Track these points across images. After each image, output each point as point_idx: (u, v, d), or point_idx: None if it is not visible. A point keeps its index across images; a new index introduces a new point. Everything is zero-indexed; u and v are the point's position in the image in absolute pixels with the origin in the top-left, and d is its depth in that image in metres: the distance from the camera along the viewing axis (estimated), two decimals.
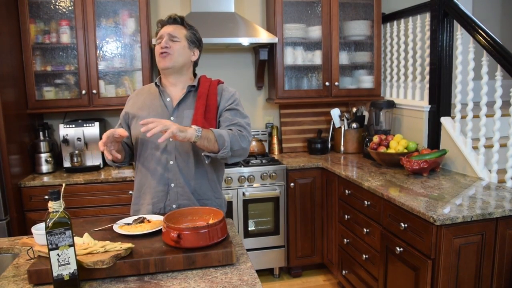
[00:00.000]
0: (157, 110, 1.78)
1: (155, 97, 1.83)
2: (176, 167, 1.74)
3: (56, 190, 1.15)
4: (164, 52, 1.74)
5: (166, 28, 1.79)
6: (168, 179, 1.75)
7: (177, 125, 1.51)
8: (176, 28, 1.79)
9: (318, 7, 3.43)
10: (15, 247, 1.58)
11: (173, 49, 1.75)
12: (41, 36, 3.02)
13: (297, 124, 3.76)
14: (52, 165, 3.06)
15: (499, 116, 2.44)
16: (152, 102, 1.81)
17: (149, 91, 1.87)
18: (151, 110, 1.79)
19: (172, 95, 1.81)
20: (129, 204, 1.91)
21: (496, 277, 2.01)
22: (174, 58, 1.76)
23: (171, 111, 1.77)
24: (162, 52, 1.75)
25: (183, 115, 1.75)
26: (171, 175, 1.75)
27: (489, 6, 4.23)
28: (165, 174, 1.75)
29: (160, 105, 1.79)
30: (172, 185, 1.75)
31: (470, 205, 2.04)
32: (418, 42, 3.14)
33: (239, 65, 3.68)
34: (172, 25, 1.80)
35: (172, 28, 1.78)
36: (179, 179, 1.75)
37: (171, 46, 1.75)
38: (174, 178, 1.75)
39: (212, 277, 1.28)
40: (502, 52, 2.36)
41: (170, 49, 1.74)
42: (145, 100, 1.83)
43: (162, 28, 1.80)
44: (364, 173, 2.81)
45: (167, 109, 1.78)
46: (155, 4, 3.44)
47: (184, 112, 1.76)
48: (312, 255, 3.32)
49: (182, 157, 1.75)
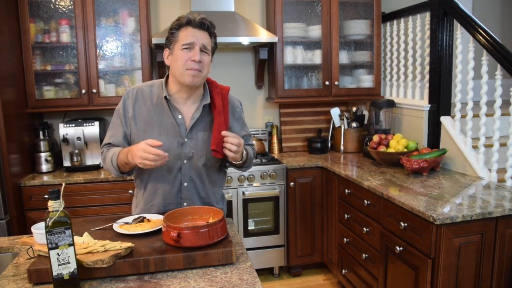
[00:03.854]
0: (169, 130, 1.64)
1: (164, 111, 1.64)
2: (191, 189, 1.69)
3: (56, 189, 1.15)
4: (196, 69, 1.56)
5: (197, 35, 1.57)
6: (182, 198, 1.70)
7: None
8: (206, 36, 1.60)
9: (318, 6, 3.43)
10: (15, 246, 1.58)
11: (203, 64, 1.58)
12: (41, 35, 3.02)
13: (297, 123, 3.76)
14: (52, 164, 3.05)
15: (499, 115, 2.44)
16: (161, 118, 1.64)
17: (152, 100, 1.66)
18: (162, 129, 1.63)
19: (183, 111, 1.65)
20: (129, 204, 1.89)
21: (496, 276, 2.02)
22: (204, 75, 1.60)
23: (185, 132, 1.65)
24: (195, 69, 1.56)
25: (197, 137, 1.66)
26: (185, 195, 1.70)
27: (489, 5, 4.22)
28: (178, 195, 1.69)
29: (172, 124, 1.64)
30: (185, 204, 1.70)
31: (470, 205, 2.04)
32: (418, 41, 3.14)
33: (239, 65, 3.68)
34: (202, 31, 1.59)
35: (204, 37, 1.58)
36: (192, 199, 1.71)
37: (202, 61, 1.57)
38: (187, 198, 1.70)
39: (212, 277, 1.28)
40: (502, 51, 2.36)
41: (201, 64, 1.57)
42: (150, 113, 1.65)
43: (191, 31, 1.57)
44: (364, 172, 2.81)
45: (179, 128, 1.64)
46: (155, 3, 3.43)
47: (198, 134, 1.66)
48: (312, 254, 3.32)
49: (196, 179, 1.69)
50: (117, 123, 1.71)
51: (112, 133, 1.72)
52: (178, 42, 1.58)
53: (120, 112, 1.69)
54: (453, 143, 2.73)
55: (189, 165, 1.67)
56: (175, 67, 1.60)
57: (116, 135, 1.70)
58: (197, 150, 1.66)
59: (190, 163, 1.67)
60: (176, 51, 1.58)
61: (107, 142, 1.73)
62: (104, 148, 1.73)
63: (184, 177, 1.68)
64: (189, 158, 1.67)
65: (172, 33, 1.60)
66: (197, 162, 1.68)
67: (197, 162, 1.67)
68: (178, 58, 1.57)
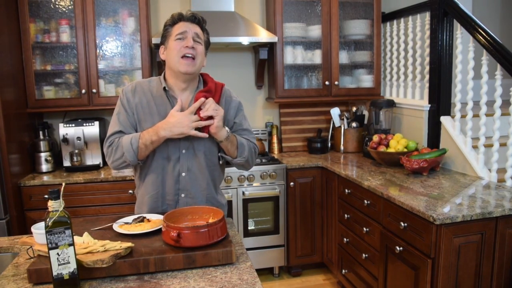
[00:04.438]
0: None
1: (163, 102, 1.68)
2: (188, 179, 1.70)
3: (56, 189, 1.15)
4: (190, 55, 1.58)
5: (189, 26, 1.62)
6: (179, 189, 1.70)
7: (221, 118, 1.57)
8: (198, 28, 1.64)
9: (318, 6, 3.43)
10: (15, 246, 1.58)
11: (197, 52, 1.60)
12: (41, 35, 3.02)
13: (297, 123, 3.76)
14: (52, 164, 3.05)
15: (499, 115, 2.45)
16: (160, 109, 1.67)
17: (151, 92, 1.70)
18: (161, 118, 1.65)
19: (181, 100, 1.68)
20: (129, 204, 1.90)
21: (496, 276, 2.02)
22: (198, 62, 1.62)
23: None
24: (188, 55, 1.58)
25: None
26: (182, 186, 1.70)
27: (489, 5, 4.22)
28: (176, 186, 1.70)
29: None
30: (182, 195, 1.71)
31: (470, 204, 2.04)
32: (418, 41, 3.14)
33: (239, 64, 3.68)
34: (194, 24, 1.64)
35: (196, 28, 1.63)
36: (189, 190, 1.71)
37: (196, 48, 1.60)
38: (185, 189, 1.70)
39: (211, 276, 1.28)
40: (502, 51, 2.36)
41: (195, 51, 1.59)
42: (150, 103, 1.68)
43: (182, 24, 1.61)
44: (364, 172, 2.81)
45: None
46: (155, 3, 3.43)
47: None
48: (312, 254, 3.32)
49: (195, 169, 1.70)
50: (122, 112, 1.70)
51: (120, 122, 1.68)
52: (172, 35, 1.63)
53: (124, 102, 1.70)
54: (453, 143, 2.73)
55: (187, 155, 1.69)
56: (170, 58, 1.63)
57: (125, 124, 1.68)
58: (195, 139, 1.67)
59: (189, 153, 1.69)
60: (170, 43, 1.63)
61: (117, 130, 1.67)
62: (114, 137, 1.67)
63: (182, 167, 1.69)
64: (187, 147, 1.68)
65: (166, 29, 1.66)
66: (196, 152, 1.69)
67: (196, 151, 1.69)
68: (172, 48, 1.61)
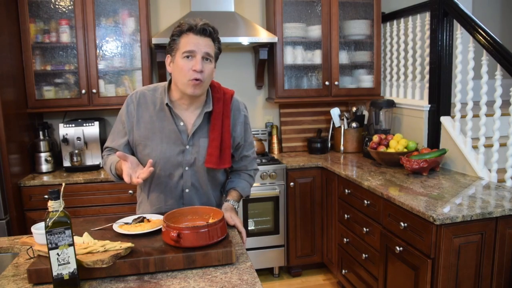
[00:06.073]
0: (171, 136, 1.62)
1: (165, 118, 1.62)
2: (192, 195, 1.69)
3: (55, 189, 1.15)
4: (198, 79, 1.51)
5: (200, 42, 1.51)
6: (183, 204, 1.69)
7: (237, 218, 1.67)
8: (209, 43, 1.54)
9: (318, 7, 3.43)
10: (14, 246, 1.58)
11: (205, 74, 1.53)
12: (41, 35, 3.02)
13: (297, 123, 3.76)
14: (52, 164, 3.05)
15: (499, 115, 2.45)
16: (163, 125, 1.62)
17: (154, 105, 1.64)
18: (163, 136, 1.61)
19: (184, 117, 1.63)
20: (129, 204, 1.90)
21: (496, 276, 2.02)
22: (205, 84, 1.56)
23: (186, 139, 1.63)
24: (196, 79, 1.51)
25: (199, 144, 1.64)
26: (186, 201, 1.69)
27: (489, 5, 4.23)
28: (179, 201, 1.69)
29: (174, 131, 1.62)
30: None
31: (470, 205, 2.04)
32: (418, 41, 3.14)
33: (239, 65, 3.68)
34: (205, 37, 1.53)
35: (207, 44, 1.53)
36: (194, 204, 1.70)
37: (204, 70, 1.52)
38: (189, 203, 1.69)
39: (211, 277, 1.28)
40: (502, 51, 2.36)
41: (203, 74, 1.52)
42: (153, 119, 1.63)
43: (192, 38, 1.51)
44: (364, 172, 2.81)
45: (181, 135, 1.62)
46: (155, 3, 3.43)
47: (199, 140, 1.64)
48: (312, 254, 3.32)
49: (198, 185, 1.69)
50: (119, 128, 1.69)
51: (113, 138, 1.71)
52: (179, 49, 1.53)
53: (123, 119, 1.67)
54: (453, 143, 2.73)
55: (190, 172, 1.66)
56: (177, 76, 1.56)
57: (117, 141, 1.69)
58: (199, 157, 1.65)
59: (192, 170, 1.66)
60: (177, 58, 1.54)
61: (108, 146, 1.74)
62: (105, 152, 1.76)
63: (186, 183, 1.67)
64: (190, 165, 1.65)
65: (174, 40, 1.55)
66: (199, 169, 1.67)
67: (199, 168, 1.66)
68: (180, 67, 1.52)
